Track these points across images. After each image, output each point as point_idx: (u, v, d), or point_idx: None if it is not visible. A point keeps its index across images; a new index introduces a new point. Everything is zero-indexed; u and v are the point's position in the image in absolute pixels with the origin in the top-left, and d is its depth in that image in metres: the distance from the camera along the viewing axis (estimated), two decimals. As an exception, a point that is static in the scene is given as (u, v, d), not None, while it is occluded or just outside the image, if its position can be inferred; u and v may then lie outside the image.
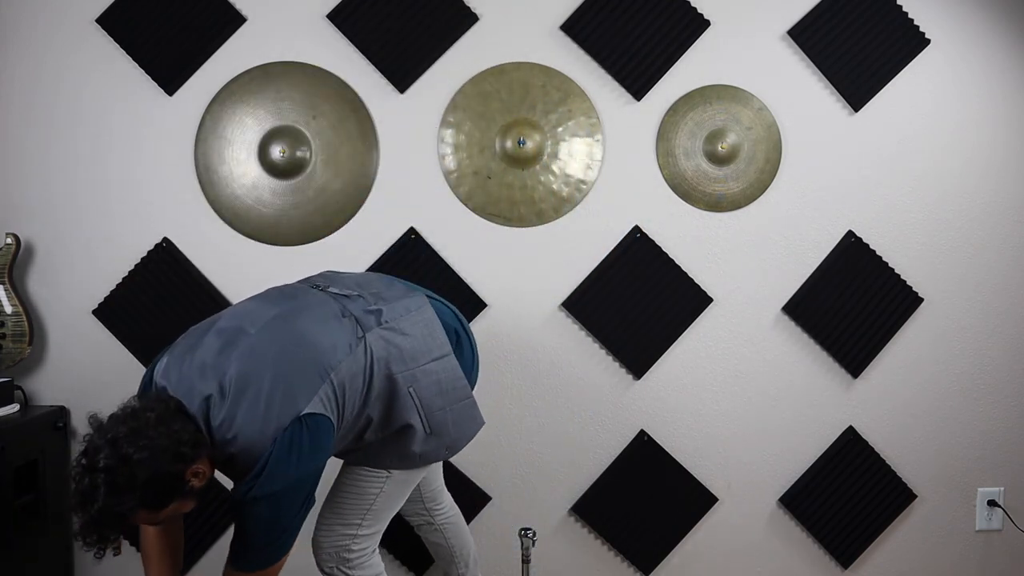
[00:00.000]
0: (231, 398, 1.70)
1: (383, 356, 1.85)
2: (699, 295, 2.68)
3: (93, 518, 1.57)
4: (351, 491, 2.00)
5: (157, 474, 1.59)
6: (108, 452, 1.58)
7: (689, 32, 2.63)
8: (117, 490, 1.57)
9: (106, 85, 2.58)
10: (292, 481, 1.73)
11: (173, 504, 1.67)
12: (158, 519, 1.69)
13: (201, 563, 2.67)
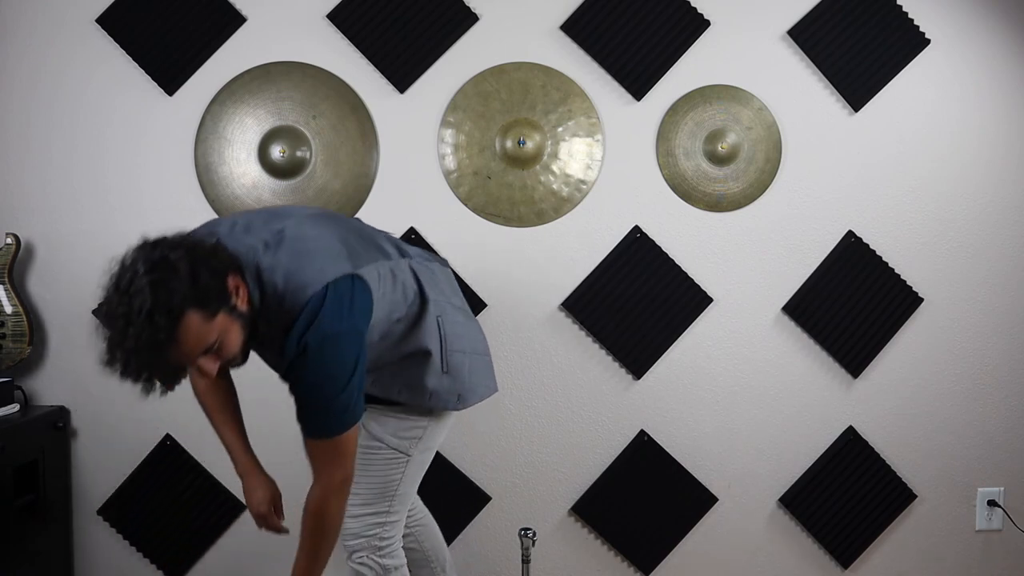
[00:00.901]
0: (285, 247, 1.64)
1: (421, 279, 1.87)
2: (699, 295, 2.68)
3: (142, 332, 1.43)
4: (374, 477, 1.95)
5: (198, 267, 1.49)
6: (143, 258, 1.48)
7: (689, 32, 2.63)
8: (163, 284, 1.45)
9: (106, 85, 2.58)
10: (346, 328, 1.64)
11: (222, 315, 1.53)
12: (210, 336, 1.52)
13: (201, 563, 2.67)
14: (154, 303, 1.44)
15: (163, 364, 1.49)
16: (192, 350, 1.52)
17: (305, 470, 2.36)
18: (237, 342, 1.60)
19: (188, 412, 2.63)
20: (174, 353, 1.49)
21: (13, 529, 2.34)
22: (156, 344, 1.45)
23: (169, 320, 1.45)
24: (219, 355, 1.58)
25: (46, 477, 2.49)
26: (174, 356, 1.50)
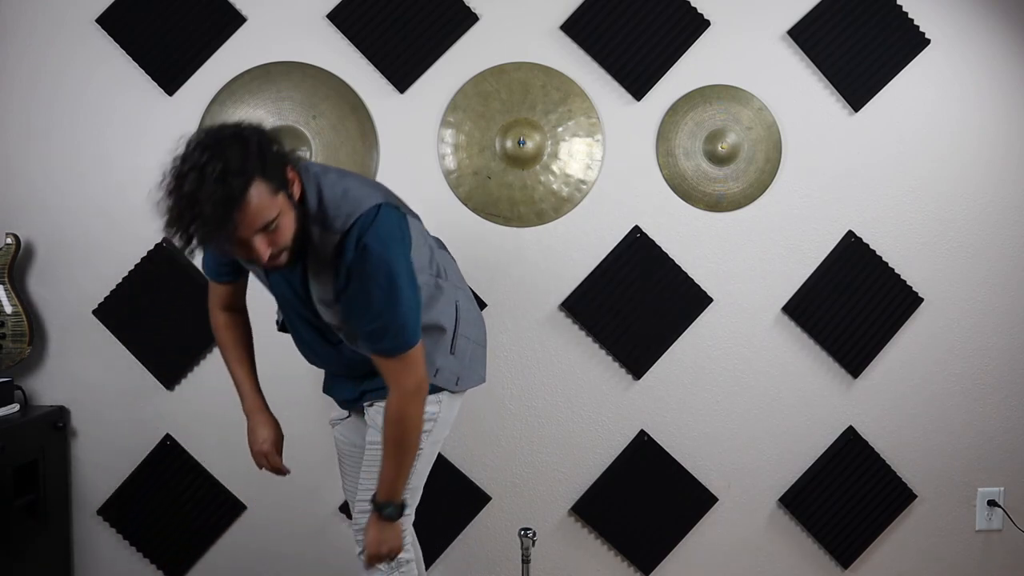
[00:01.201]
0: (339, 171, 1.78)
1: (440, 256, 1.97)
2: (699, 295, 2.68)
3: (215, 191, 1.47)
4: (378, 469, 1.95)
5: (265, 144, 1.58)
6: (215, 132, 1.57)
7: (689, 32, 2.63)
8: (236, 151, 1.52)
9: (106, 85, 2.58)
10: (402, 245, 1.73)
11: (282, 195, 1.59)
12: (271, 211, 1.56)
13: (201, 563, 2.67)
14: (226, 166, 1.49)
15: (229, 226, 1.52)
16: (254, 221, 1.55)
17: (304, 463, 2.35)
18: (290, 231, 1.63)
19: (188, 412, 2.65)
20: (239, 219, 1.52)
21: (13, 529, 2.34)
22: (228, 201, 1.49)
23: (241, 182, 1.50)
24: (273, 239, 1.60)
25: (46, 477, 2.49)
26: (239, 222, 1.53)
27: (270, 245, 1.60)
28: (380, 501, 1.85)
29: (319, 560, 2.69)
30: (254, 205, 1.53)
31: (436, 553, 2.68)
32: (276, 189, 1.58)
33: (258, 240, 1.58)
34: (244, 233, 1.56)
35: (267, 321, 2.17)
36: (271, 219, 1.58)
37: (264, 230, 1.58)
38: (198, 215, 1.48)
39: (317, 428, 2.66)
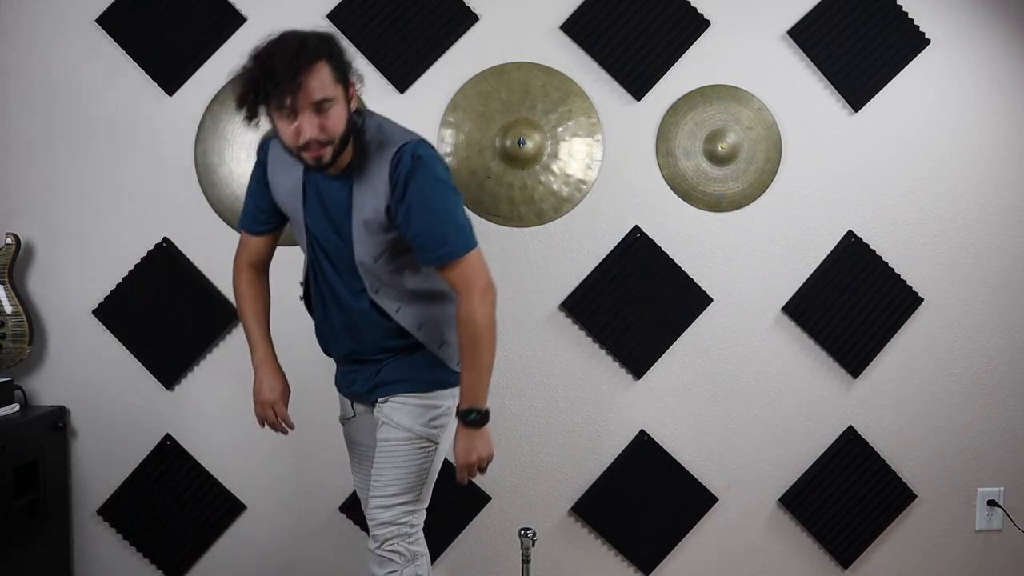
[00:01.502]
0: None
1: None
2: (699, 295, 2.68)
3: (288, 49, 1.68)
4: (406, 467, 1.96)
5: (339, 45, 1.80)
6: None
7: (689, 32, 2.63)
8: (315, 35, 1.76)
9: (106, 85, 2.58)
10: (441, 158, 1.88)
11: (341, 88, 1.76)
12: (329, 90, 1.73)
13: (201, 563, 2.67)
14: (303, 42, 1.71)
15: (293, 85, 1.67)
16: (313, 91, 1.70)
17: (304, 463, 2.34)
18: (339, 126, 1.75)
19: (188, 412, 2.64)
20: (303, 81, 1.68)
21: (13, 529, 2.34)
22: (297, 61, 1.68)
23: (312, 54, 1.71)
24: (323, 123, 1.72)
25: (46, 477, 2.49)
26: (302, 83, 1.68)
27: (319, 129, 1.72)
28: (463, 409, 1.88)
29: (319, 560, 2.69)
30: (317, 77, 1.70)
31: (436, 553, 2.67)
32: (338, 80, 1.75)
33: (309, 115, 1.71)
34: (301, 100, 1.69)
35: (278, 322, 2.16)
36: (327, 98, 1.72)
37: (318, 108, 1.72)
38: (269, 71, 1.67)
39: (317, 428, 2.66)
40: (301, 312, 2.10)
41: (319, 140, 1.73)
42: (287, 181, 1.94)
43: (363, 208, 1.84)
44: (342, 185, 1.86)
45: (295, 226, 1.99)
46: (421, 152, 1.81)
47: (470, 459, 1.91)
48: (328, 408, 2.65)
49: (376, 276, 1.90)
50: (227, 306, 2.60)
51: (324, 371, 2.65)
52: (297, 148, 1.76)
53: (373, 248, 1.86)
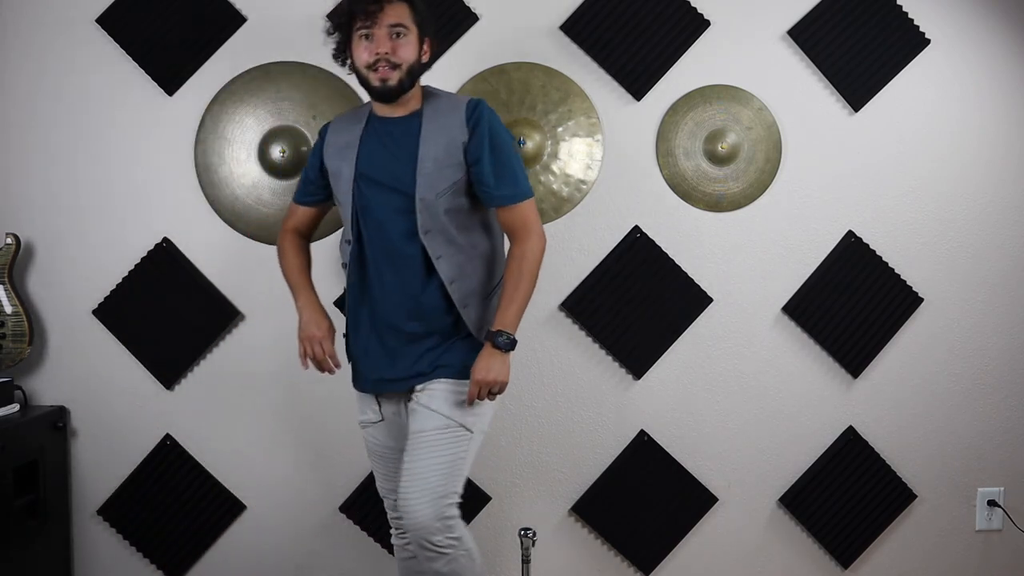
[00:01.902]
0: None
1: None
2: (699, 295, 2.68)
3: None
4: (445, 456, 1.97)
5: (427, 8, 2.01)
6: None
7: (689, 32, 2.63)
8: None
9: (106, 85, 2.58)
10: None
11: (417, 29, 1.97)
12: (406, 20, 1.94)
13: (201, 563, 2.67)
14: None
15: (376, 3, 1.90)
16: (390, 14, 1.93)
17: (304, 463, 2.34)
18: (411, 53, 1.96)
19: (188, 412, 2.65)
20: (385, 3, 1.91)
21: (13, 529, 2.34)
22: None
23: None
24: (395, 47, 1.93)
25: (46, 477, 2.49)
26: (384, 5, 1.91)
27: (391, 50, 1.92)
28: (495, 330, 1.96)
29: (319, 560, 2.69)
30: (399, 7, 1.94)
31: (436, 553, 2.68)
32: (414, 21, 1.96)
33: (385, 36, 1.92)
34: (380, 19, 1.91)
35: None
36: (403, 25, 1.94)
37: (394, 32, 1.93)
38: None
39: (317, 428, 2.66)
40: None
41: (389, 60, 1.92)
42: (342, 139, 2.07)
43: (434, 143, 1.97)
44: (409, 126, 2.00)
45: (338, 184, 2.06)
46: (482, 106, 2.01)
47: (487, 377, 1.95)
48: (328, 408, 2.66)
49: (431, 215, 1.96)
50: (227, 306, 2.60)
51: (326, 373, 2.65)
52: (368, 66, 1.94)
53: (438, 183, 1.96)
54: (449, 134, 1.97)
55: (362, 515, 2.66)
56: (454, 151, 1.96)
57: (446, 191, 1.96)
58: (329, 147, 2.09)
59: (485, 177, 1.96)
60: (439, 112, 2.01)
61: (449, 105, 2.02)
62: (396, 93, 1.96)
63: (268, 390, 2.64)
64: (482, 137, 1.97)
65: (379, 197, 2.00)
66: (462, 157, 1.97)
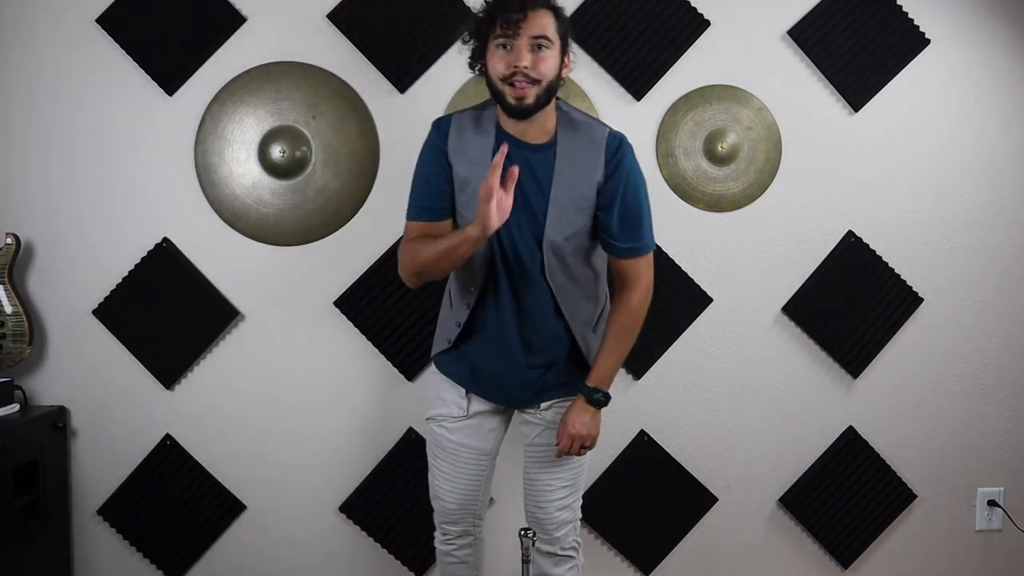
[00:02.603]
0: None
1: None
2: (699, 295, 2.68)
3: None
4: (576, 467, 2.09)
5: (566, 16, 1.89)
6: None
7: (689, 32, 2.63)
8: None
9: (106, 85, 2.58)
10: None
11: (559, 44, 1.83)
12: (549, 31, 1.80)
13: (201, 563, 2.67)
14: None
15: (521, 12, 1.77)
16: (534, 25, 1.79)
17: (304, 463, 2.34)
18: (550, 72, 1.81)
19: (188, 412, 2.65)
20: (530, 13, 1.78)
21: (13, 529, 2.34)
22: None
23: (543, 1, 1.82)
24: (535, 60, 1.79)
25: (46, 477, 2.49)
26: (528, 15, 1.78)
27: (532, 67, 1.79)
28: (591, 386, 1.96)
29: (319, 560, 2.69)
30: (543, 17, 1.80)
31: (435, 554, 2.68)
32: (557, 32, 1.82)
33: (526, 48, 1.78)
34: (523, 29, 1.77)
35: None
36: (546, 37, 1.79)
37: (536, 44, 1.79)
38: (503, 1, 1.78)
39: (318, 428, 2.66)
40: (302, 313, 2.09)
41: (528, 74, 1.78)
42: (470, 147, 1.93)
43: (569, 182, 1.88)
44: (544, 155, 1.89)
45: (468, 196, 1.91)
46: (624, 145, 1.93)
47: (581, 431, 1.96)
48: (328, 408, 2.66)
49: (556, 255, 1.92)
50: (227, 306, 2.60)
51: (323, 371, 2.65)
52: (504, 78, 1.81)
53: (567, 227, 1.89)
54: (586, 173, 1.87)
55: (362, 515, 2.66)
56: (588, 193, 1.88)
57: (573, 236, 1.91)
58: (455, 153, 1.94)
59: (611, 226, 1.90)
60: (577, 144, 1.89)
61: (588, 137, 1.90)
62: (531, 111, 1.83)
63: (268, 390, 2.64)
64: (619, 183, 1.88)
65: (509, 224, 1.84)
66: (594, 199, 1.88)
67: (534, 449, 2.10)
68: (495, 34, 1.80)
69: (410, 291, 2.57)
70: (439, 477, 2.13)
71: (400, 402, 2.64)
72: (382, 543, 2.67)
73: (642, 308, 1.98)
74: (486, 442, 2.10)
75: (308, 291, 2.62)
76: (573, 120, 1.91)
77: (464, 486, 2.10)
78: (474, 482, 2.11)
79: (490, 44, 1.82)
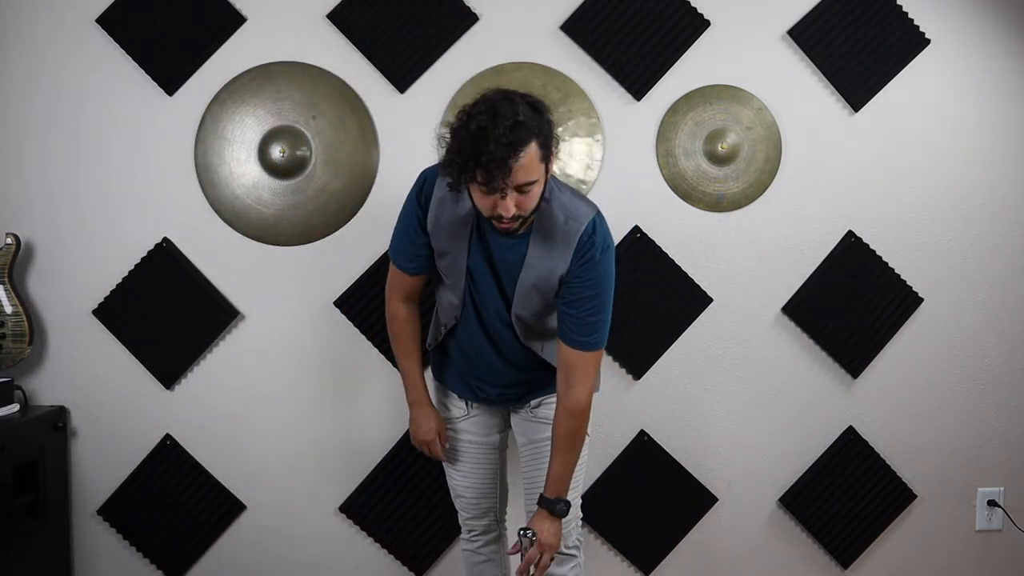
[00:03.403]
0: None
1: None
2: (699, 295, 2.68)
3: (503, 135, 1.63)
4: (581, 465, 2.09)
5: (548, 115, 1.75)
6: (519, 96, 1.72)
7: (689, 32, 2.63)
8: (533, 114, 1.70)
9: (106, 85, 2.58)
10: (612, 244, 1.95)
11: (544, 166, 1.74)
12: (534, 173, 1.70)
13: (201, 563, 2.67)
14: (517, 119, 1.66)
15: (505, 171, 1.65)
16: (519, 175, 1.68)
17: (304, 463, 2.34)
18: (535, 200, 1.77)
19: (188, 412, 2.65)
20: (513, 167, 1.66)
21: (13, 529, 2.34)
22: (512, 147, 1.64)
23: (527, 135, 1.67)
24: (521, 202, 1.72)
25: (46, 477, 2.49)
26: (512, 169, 1.66)
27: (517, 207, 1.72)
28: (552, 498, 1.96)
29: (319, 560, 2.69)
30: (526, 161, 1.68)
31: (436, 554, 2.68)
32: (544, 157, 1.73)
33: (511, 198, 1.70)
34: (508, 183, 1.67)
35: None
36: (532, 181, 1.71)
37: (520, 189, 1.70)
38: (483, 153, 1.63)
39: (317, 429, 2.66)
40: (303, 314, 2.09)
41: (514, 216, 1.74)
42: (448, 219, 1.93)
43: (537, 268, 1.89)
44: (515, 243, 1.90)
45: (447, 263, 1.99)
46: (609, 242, 1.91)
47: (550, 541, 1.95)
48: (328, 408, 2.66)
49: (525, 325, 1.99)
50: (227, 306, 2.60)
51: (323, 371, 2.65)
52: (489, 217, 1.78)
53: (533, 305, 1.94)
54: (553, 261, 1.88)
55: (362, 515, 2.66)
56: (552, 283, 1.90)
57: (540, 311, 1.97)
58: (434, 225, 1.95)
59: (571, 317, 1.90)
60: (549, 239, 1.88)
61: (563, 234, 1.87)
62: (515, 232, 1.86)
63: (268, 390, 2.64)
64: (583, 284, 1.88)
65: (483, 291, 1.98)
66: (556, 288, 1.90)
67: (531, 447, 2.14)
68: (476, 180, 1.70)
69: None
70: (455, 476, 2.22)
71: (400, 402, 2.62)
72: (382, 543, 2.67)
73: (587, 406, 1.94)
74: (491, 436, 2.19)
75: (308, 291, 2.62)
76: (552, 216, 1.87)
77: (480, 479, 2.20)
78: (490, 474, 2.21)
79: (472, 180, 1.72)
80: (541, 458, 2.09)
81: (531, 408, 2.13)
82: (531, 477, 2.15)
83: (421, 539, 2.66)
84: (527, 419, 2.15)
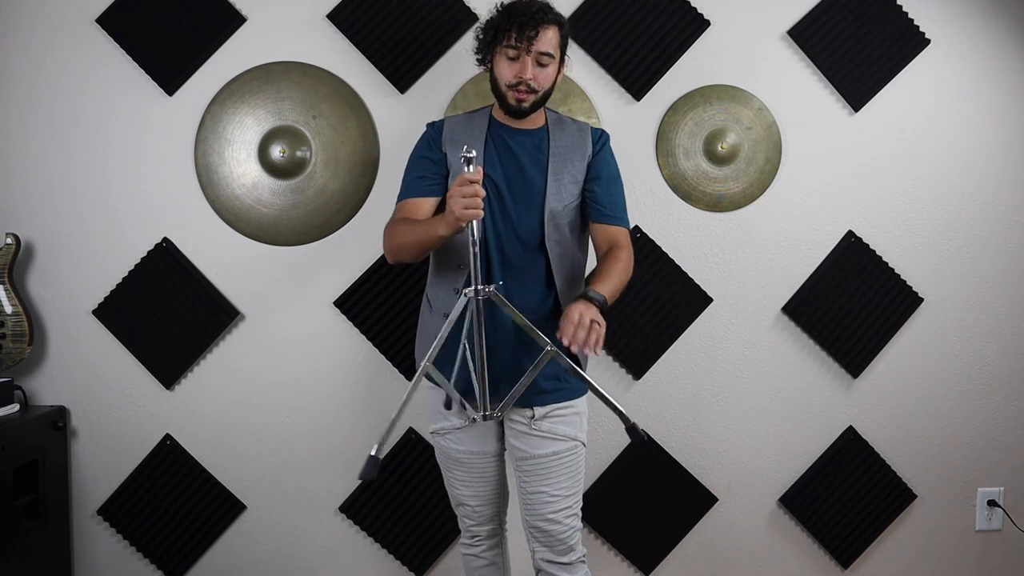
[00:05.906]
0: None
1: None
2: (699, 295, 2.68)
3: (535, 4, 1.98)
4: (576, 474, 2.08)
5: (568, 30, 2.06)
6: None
7: (689, 32, 2.63)
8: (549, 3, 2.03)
9: (106, 85, 2.58)
10: None
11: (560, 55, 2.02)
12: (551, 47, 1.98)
13: (201, 563, 2.67)
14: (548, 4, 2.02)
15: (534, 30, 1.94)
16: (542, 42, 1.97)
17: (304, 463, 2.33)
18: (549, 83, 2.02)
19: (188, 412, 2.64)
20: (541, 31, 1.95)
21: (13, 529, 2.34)
22: (543, 14, 1.97)
23: (553, 16, 1.99)
24: (537, 74, 1.98)
25: (46, 477, 2.49)
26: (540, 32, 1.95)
27: (534, 77, 1.98)
28: (591, 289, 1.96)
29: (319, 560, 2.69)
30: (550, 34, 1.98)
31: (436, 554, 2.68)
32: (559, 47, 2.01)
33: (532, 60, 1.97)
34: (532, 45, 1.95)
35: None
36: (550, 54, 1.99)
37: (540, 60, 1.98)
38: (515, 15, 1.95)
39: (318, 429, 2.66)
40: (305, 317, 2.09)
41: (530, 85, 1.97)
42: (463, 138, 2.06)
43: (564, 160, 2.07)
44: (537, 139, 2.08)
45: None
46: (606, 139, 2.14)
47: (584, 319, 1.80)
48: (329, 408, 2.66)
49: (556, 226, 2.04)
50: (227, 306, 2.60)
51: (323, 371, 2.65)
52: (509, 85, 1.99)
53: (565, 196, 2.05)
54: (577, 150, 2.08)
55: (362, 515, 2.66)
56: (580, 167, 2.07)
57: (571, 205, 2.06)
58: (449, 142, 2.08)
59: (600, 196, 2.08)
60: (565, 132, 2.10)
61: (575, 127, 2.12)
62: (527, 113, 2.03)
63: (268, 390, 2.64)
64: (603, 161, 2.10)
65: (505, 204, 2.03)
66: (585, 172, 2.07)
67: (532, 463, 2.05)
68: (506, 42, 1.97)
69: (410, 291, 2.58)
70: (458, 486, 2.17)
71: (399, 402, 2.64)
72: (382, 543, 2.67)
73: (630, 263, 2.07)
74: (490, 445, 2.14)
75: (308, 291, 2.62)
76: (559, 116, 2.15)
77: (485, 488, 2.17)
78: (493, 482, 2.18)
79: (499, 49, 1.99)
80: (546, 473, 2.03)
81: (535, 420, 2.04)
82: (537, 491, 2.05)
83: (421, 539, 2.66)
84: (528, 432, 2.05)
